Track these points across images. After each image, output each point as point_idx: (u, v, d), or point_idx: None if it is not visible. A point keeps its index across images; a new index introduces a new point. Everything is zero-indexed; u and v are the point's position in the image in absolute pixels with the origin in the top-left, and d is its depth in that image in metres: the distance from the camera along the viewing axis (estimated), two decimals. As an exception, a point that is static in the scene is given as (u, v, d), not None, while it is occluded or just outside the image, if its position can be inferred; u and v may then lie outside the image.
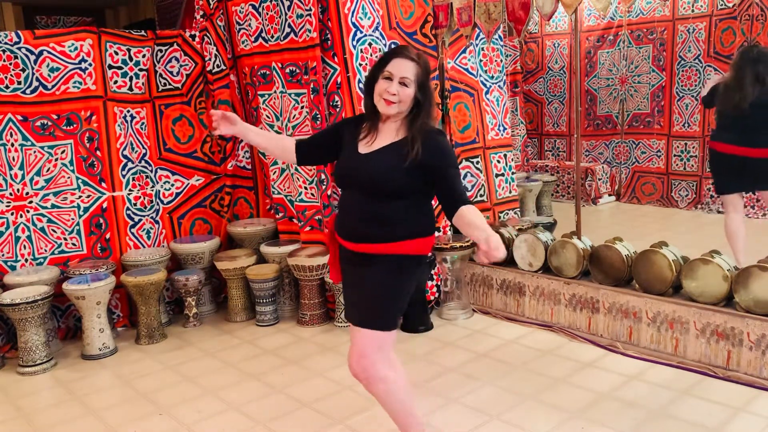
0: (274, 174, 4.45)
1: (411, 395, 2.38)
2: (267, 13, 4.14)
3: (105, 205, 4.23)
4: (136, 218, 4.35)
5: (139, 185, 4.36)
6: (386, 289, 2.24)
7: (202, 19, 4.48)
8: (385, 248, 2.20)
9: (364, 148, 2.26)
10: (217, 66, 4.49)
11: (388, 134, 2.24)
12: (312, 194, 4.22)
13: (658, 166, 6.99)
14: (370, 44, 3.98)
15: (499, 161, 4.85)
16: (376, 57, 3.99)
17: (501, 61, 4.93)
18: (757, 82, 3.86)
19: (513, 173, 4.97)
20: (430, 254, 3.91)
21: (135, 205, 4.34)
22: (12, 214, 3.98)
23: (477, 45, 4.71)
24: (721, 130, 4.13)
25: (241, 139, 4.60)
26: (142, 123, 4.39)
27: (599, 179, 7.16)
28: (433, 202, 2.32)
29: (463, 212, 2.08)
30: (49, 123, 4.03)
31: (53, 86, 4.01)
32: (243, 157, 4.67)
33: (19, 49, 3.89)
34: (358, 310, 2.27)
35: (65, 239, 4.12)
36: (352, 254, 2.29)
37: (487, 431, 2.77)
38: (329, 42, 3.93)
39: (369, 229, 2.21)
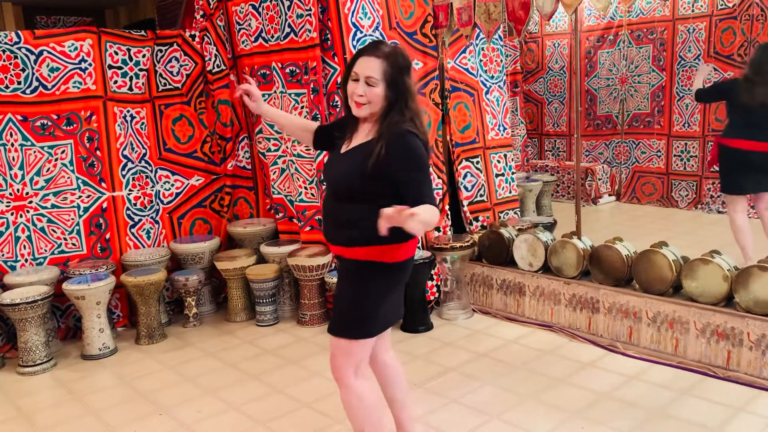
0: (274, 174, 4.45)
1: (377, 412, 2.26)
2: (267, 13, 4.14)
3: (105, 205, 4.22)
4: (136, 218, 4.35)
5: (139, 185, 4.36)
6: (350, 296, 2.18)
7: (202, 19, 4.48)
8: (346, 252, 2.15)
9: (343, 149, 2.21)
10: (217, 66, 4.49)
11: (362, 135, 2.15)
12: (312, 194, 4.22)
13: (658, 166, 6.99)
14: (370, 44, 3.98)
15: (499, 161, 4.85)
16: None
17: (501, 61, 4.92)
18: None
19: (513, 173, 4.97)
20: (426, 257, 3.93)
21: (135, 205, 4.34)
22: (12, 214, 3.97)
23: (477, 45, 4.71)
24: (738, 127, 4.12)
25: (241, 139, 4.63)
26: (142, 123, 4.39)
27: (599, 179, 7.16)
28: None
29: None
30: (49, 123, 4.03)
31: (53, 86, 4.01)
32: (243, 157, 4.67)
33: (19, 49, 3.89)
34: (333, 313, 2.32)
35: (65, 239, 4.12)
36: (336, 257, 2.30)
37: (487, 431, 2.77)
38: (329, 42, 3.93)
39: (333, 231, 2.19)
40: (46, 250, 4.08)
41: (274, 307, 4.25)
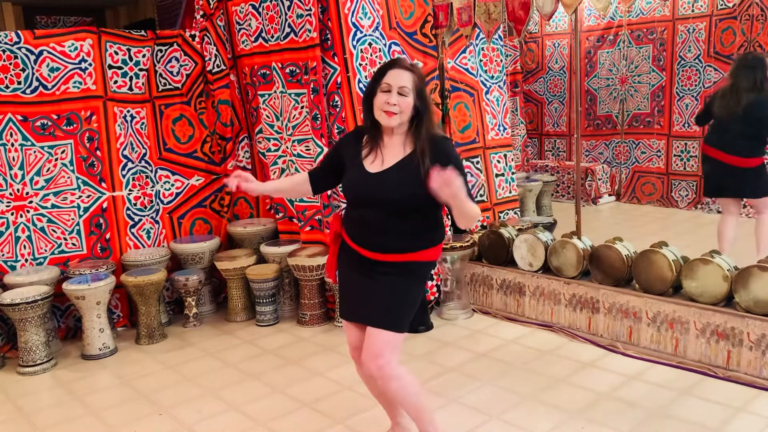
0: (274, 174, 4.45)
1: (420, 388, 2.43)
2: (267, 13, 4.14)
3: (105, 205, 4.22)
4: (136, 218, 4.35)
5: (139, 185, 4.36)
6: (403, 293, 2.29)
7: (202, 19, 4.48)
8: (403, 257, 2.25)
9: (374, 166, 2.24)
10: (217, 66, 4.49)
11: (396, 149, 2.25)
12: (312, 194, 4.21)
13: (658, 166, 6.99)
14: (370, 44, 3.98)
15: (499, 161, 4.86)
16: (376, 57, 3.99)
17: (501, 61, 4.93)
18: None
19: (513, 173, 4.97)
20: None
21: (135, 205, 4.34)
22: (12, 214, 3.97)
23: (477, 45, 4.71)
24: None
25: (241, 139, 4.63)
26: (142, 123, 4.39)
27: (599, 179, 7.17)
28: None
29: None
30: (49, 123, 4.03)
31: (53, 86, 4.01)
32: (243, 157, 4.67)
33: (19, 49, 3.89)
34: (375, 312, 2.28)
35: (65, 239, 4.12)
36: (366, 260, 2.29)
37: (487, 431, 2.77)
38: (329, 42, 3.93)
39: (389, 243, 2.24)
40: (46, 250, 4.08)
41: (274, 307, 4.25)
